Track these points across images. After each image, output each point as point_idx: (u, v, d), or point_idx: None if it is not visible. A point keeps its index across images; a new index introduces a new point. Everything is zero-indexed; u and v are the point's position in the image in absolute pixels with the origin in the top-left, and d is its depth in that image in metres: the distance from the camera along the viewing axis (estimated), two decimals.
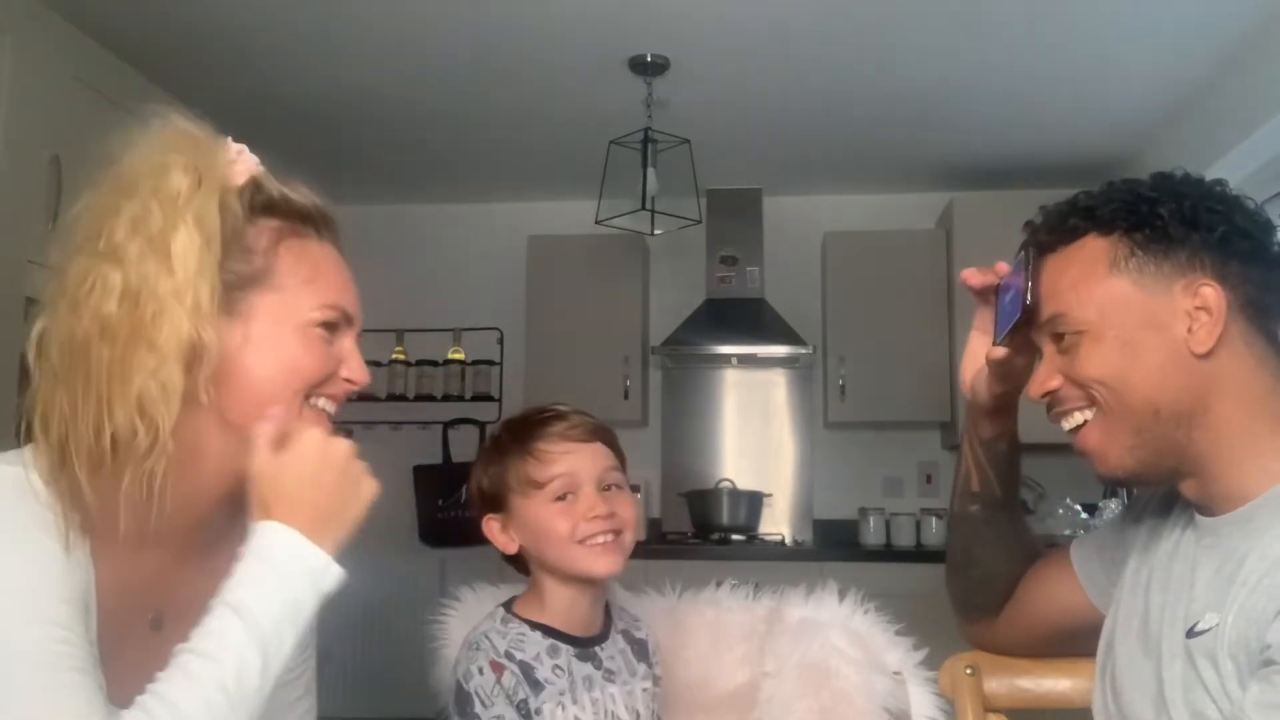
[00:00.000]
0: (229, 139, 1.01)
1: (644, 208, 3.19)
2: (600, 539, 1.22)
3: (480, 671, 1.16)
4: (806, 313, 4.27)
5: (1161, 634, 1.04)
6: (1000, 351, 1.14)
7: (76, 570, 0.87)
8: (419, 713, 1.49)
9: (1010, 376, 1.17)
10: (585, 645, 1.25)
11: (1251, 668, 0.91)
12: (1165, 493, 1.14)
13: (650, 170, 3.21)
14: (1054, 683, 1.28)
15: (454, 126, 3.74)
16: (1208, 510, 1.04)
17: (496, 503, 1.27)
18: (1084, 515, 3.75)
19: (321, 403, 1.00)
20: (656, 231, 3.30)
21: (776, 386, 4.47)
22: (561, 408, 1.30)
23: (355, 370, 1.02)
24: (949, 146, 3.90)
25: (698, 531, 4.09)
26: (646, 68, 3.15)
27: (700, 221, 3.48)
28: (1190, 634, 0.99)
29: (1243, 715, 0.90)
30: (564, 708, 1.18)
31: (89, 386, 0.88)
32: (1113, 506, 3.60)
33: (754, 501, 4.15)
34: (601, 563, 1.22)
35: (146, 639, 0.97)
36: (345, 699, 3.80)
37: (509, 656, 1.18)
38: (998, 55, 3.09)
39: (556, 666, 1.20)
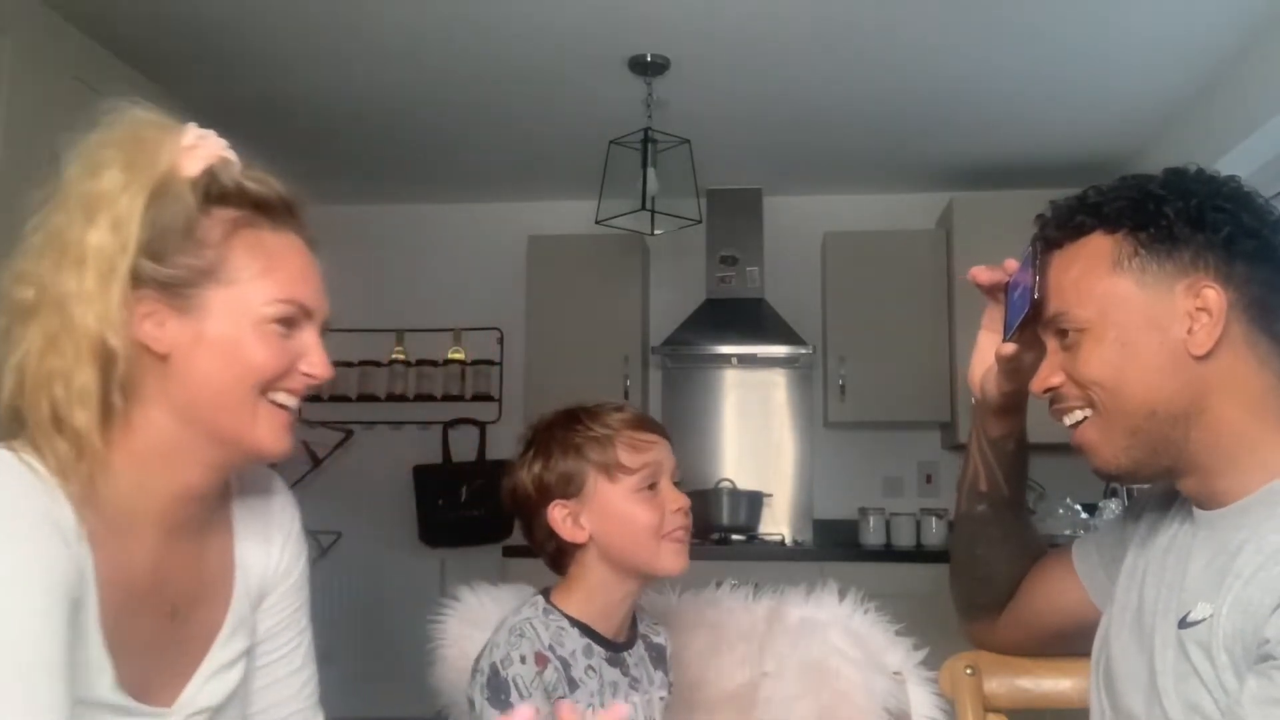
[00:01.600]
0: (190, 125, 0.97)
1: (644, 208, 3.19)
2: (681, 534, 1.21)
3: (522, 660, 1.12)
4: (806, 313, 4.27)
5: (1154, 625, 1.03)
6: (1010, 347, 1.14)
7: (72, 560, 0.86)
8: (419, 712, 1.49)
9: (1019, 374, 1.17)
10: (616, 650, 1.22)
11: (1248, 661, 0.91)
12: (1165, 489, 1.13)
13: (650, 170, 3.21)
14: (1054, 683, 1.28)
15: (454, 126, 3.73)
16: (1205, 506, 1.04)
17: (566, 489, 1.21)
18: (1084, 515, 3.74)
19: (280, 397, 0.98)
20: (656, 231, 3.30)
21: (776, 386, 4.47)
22: (625, 404, 1.28)
23: (316, 364, 0.99)
24: (949, 146, 3.90)
25: (698, 531, 4.07)
26: (646, 68, 3.15)
27: (700, 221, 3.48)
28: (1182, 624, 0.98)
29: (1239, 709, 0.89)
30: (593, 710, 1.15)
31: (28, 391, 0.89)
32: (1113, 506, 3.60)
33: (754, 501, 4.15)
34: (679, 560, 1.20)
35: (165, 628, 0.98)
36: (345, 699, 3.80)
37: (552, 650, 1.14)
38: (998, 55, 3.09)
39: (589, 667, 1.17)
